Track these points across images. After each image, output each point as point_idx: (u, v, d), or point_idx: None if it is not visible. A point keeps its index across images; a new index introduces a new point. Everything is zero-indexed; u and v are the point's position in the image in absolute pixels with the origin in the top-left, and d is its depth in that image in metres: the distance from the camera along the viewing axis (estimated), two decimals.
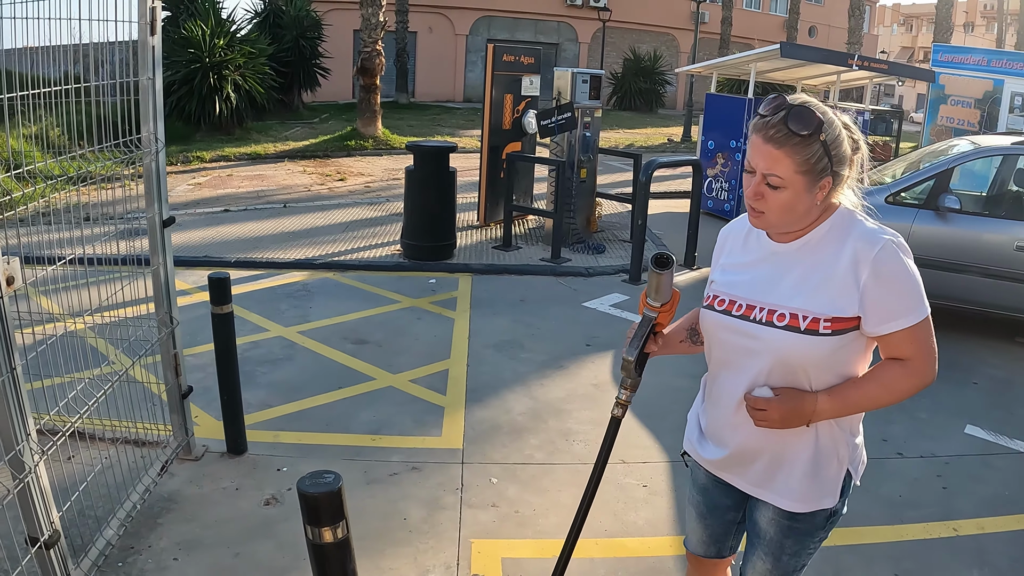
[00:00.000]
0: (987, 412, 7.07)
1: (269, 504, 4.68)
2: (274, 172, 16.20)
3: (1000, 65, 19.14)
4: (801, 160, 2.38)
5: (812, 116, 2.36)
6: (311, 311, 8.13)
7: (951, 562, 4.77)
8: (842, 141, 2.42)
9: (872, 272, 2.43)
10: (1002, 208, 9.44)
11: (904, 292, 2.49)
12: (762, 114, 2.43)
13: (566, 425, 6.07)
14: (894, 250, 2.44)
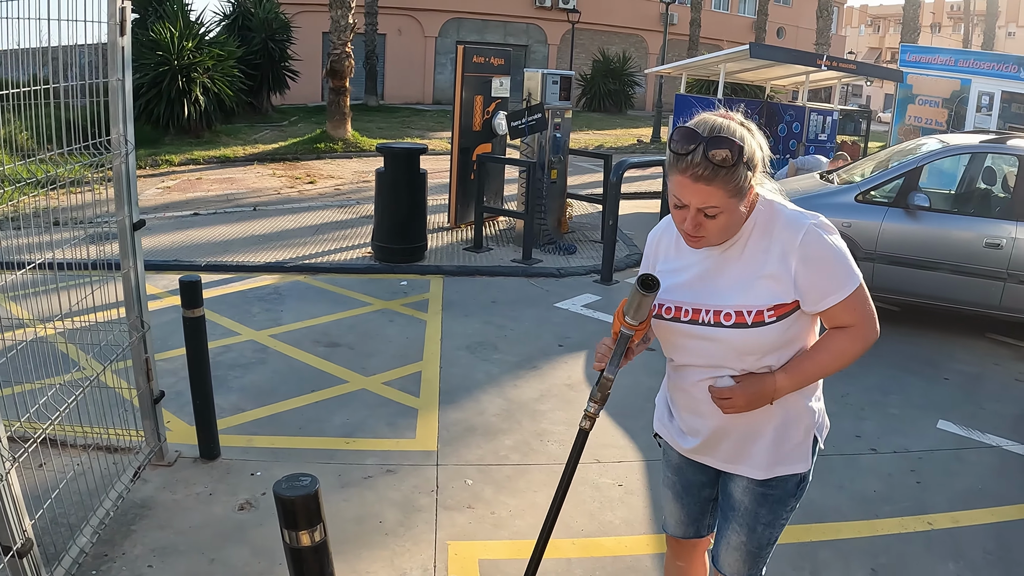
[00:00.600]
0: (959, 407, 7.13)
1: (243, 509, 4.64)
2: (243, 175, 16.13)
3: (967, 65, 19.31)
4: (732, 186, 2.46)
5: (729, 143, 2.41)
6: (282, 314, 8.10)
7: (926, 556, 4.80)
8: (755, 148, 2.52)
9: (800, 259, 2.56)
10: (971, 206, 9.53)
11: (833, 269, 2.59)
12: (677, 152, 2.46)
13: (540, 426, 6.07)
14: (817, 233, 2.56)
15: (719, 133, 2.42)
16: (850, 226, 8.88)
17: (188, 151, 17.68)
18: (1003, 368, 8.41)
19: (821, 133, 15.84)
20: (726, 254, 2.66)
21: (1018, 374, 8.27)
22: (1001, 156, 9.63)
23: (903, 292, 9.06)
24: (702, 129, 2.45)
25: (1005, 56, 19.66)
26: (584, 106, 39.54)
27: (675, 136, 2.47)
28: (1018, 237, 8.54)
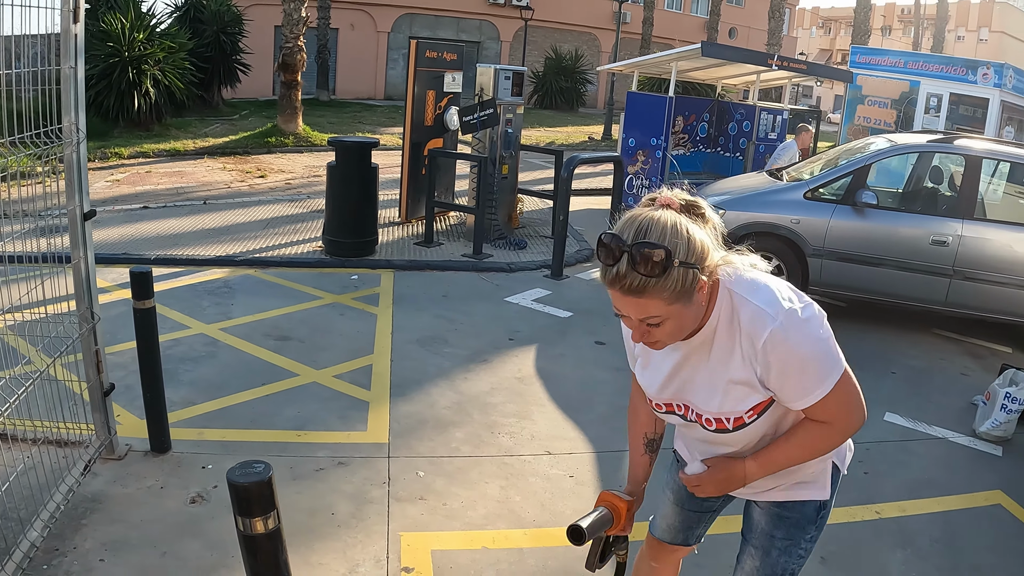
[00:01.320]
0: (906, 400, 7.25)
1: (195, 502, 4.63)
2: (194, 169, 16.00)
3: (916, 67, 19.57)
4: (669, 293, 2.22)
5: (656, 250, 2.17)
6: (233, 308, 8.06)
7: (875, 544, 4.90)
8: (694, 241, 2.24)
9: (764, 366, 2.38)
10: (918, 204, 9.68)
11: (800, 376, 2.38)
12: (605, 262, 2.23)
13: (491, 418, 6.10)
14: (779, 339, 2.33)
15: (644, 238, 2.18)
16: (799, 222, 9.01)
17: (138, 144, 17.49)
18: (948, 362, 8.57)
19: (771, 132, 15.98)
20: (695, 351, 2.48)
21: (963, 368, 8.43)
22: (948, 155, 9.80)
23: (851, 288, 9.19)
24: (627, 234, 2.20)
25: (954, 59, 19.94)
26: (536, 103, 39.57)
27: (599, 244, 2.25)
28: (964, 235, 8.70)
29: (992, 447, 6.65)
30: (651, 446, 2.94)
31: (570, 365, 7.34)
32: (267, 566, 2.47)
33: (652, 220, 2.21)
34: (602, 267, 2.25)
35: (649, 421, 2.92)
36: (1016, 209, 10.03)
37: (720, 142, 16.37)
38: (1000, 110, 18.29)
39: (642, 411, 2.92)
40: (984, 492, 5.87)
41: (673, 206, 2.29)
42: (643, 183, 14.81)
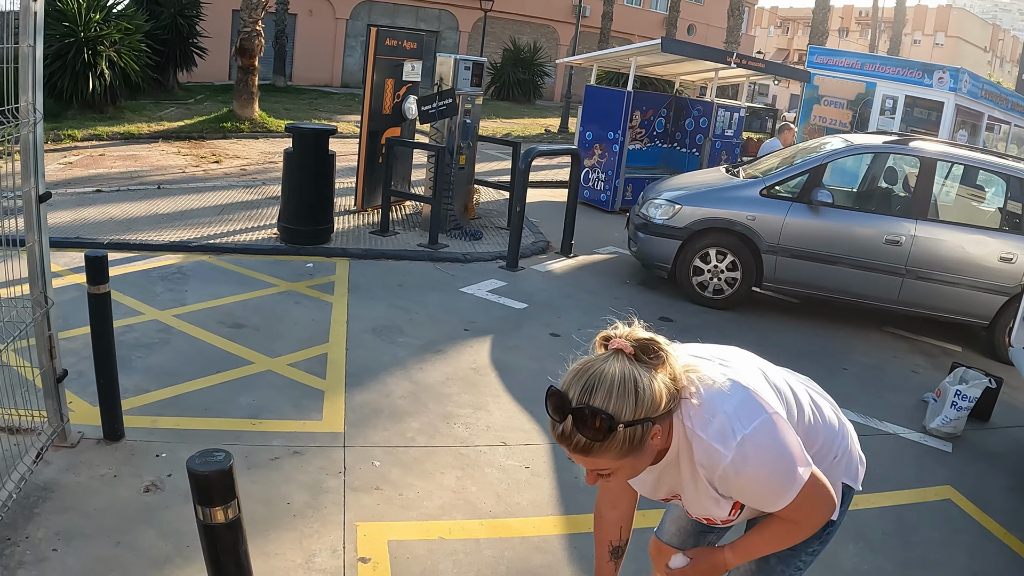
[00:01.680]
0: (857, 396, 7.34)
1: (149, 491, 4.59)
2: (148, 153, 15.81)
3: (873, 69, 19.78)
4: (615, 451, 2.20)
5: (599, 416, 2.14)
6: (187, 294, 7.97)
7: None
8: (643, 397, 2.19)
9: (726, 492, 2.41)
10: (872, 203, 9.79)
11: (764, 493, 2.39)
12: (552, 417, 2.24)
13: (446, 409, 6.10)
14: (732, 473, 2.32)
15: (590, 399, 2.15)
16: (755, 219, 9.08)
17: (91, 126, 17.25)
18: (900, 360, 8.69)
19: (728, 129, 16.06)
20: (666, 468, 2.48)
21: (914, 366, 8.55)
22: (903, 157, 9.93)
23: (805, 285, 9.28)
24: (573, 391, 2.18)
25: (911, 62, 20.17)
26: (493, 95, 39.51)
27: (548, 397, 2.25)
28: (917, 235, 8.83)
29: (942, 443, 6.76)
30: (616, 553, 2.95)
31: (525, 356, 7.35)
32: (227, 556, 2.46)
33: (599, 378, 2.18)
34: (550, 421, 2.25)
35: (615, 529, 2.93)
36: (968, 211, 10.18)
37: (677, 138, 16.44)
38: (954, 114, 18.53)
39: (607, 518, 2.93)
40: (935, 487, 5.98)
41: (626, 351, 2.25)
42: (599, 176, 14.87)
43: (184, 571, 3.93)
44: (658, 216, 9.55)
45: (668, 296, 9.76)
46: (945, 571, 4.95)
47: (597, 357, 2.25)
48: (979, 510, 5.74)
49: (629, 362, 2.22)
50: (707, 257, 9.41)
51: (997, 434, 7.26)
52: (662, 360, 2.28)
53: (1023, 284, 8.62)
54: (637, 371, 2.20)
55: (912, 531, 5.32)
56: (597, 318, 8.14)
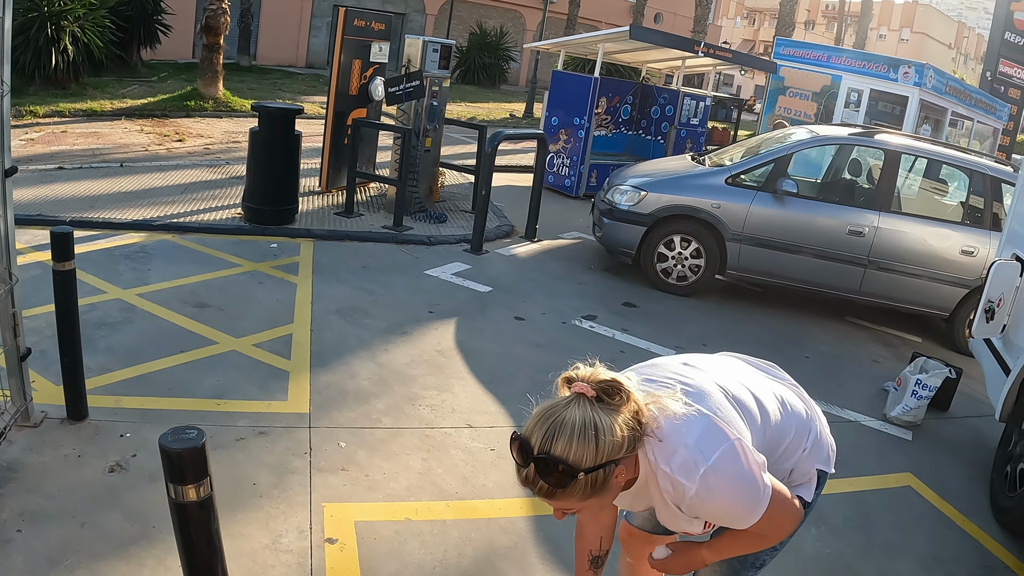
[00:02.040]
0: (819, 384, 7.42)
1: (114, 471, 4.55)
2: (110, 130, 15.64)
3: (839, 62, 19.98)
4: (578, 495, 2.24)
5: (560, 465, 2.18)
6: (150, 273, 7.91)
7: None
8: (603, 444, 2.21)
9: (695, 516, 2.46)
10: (836, 194, 9.88)
11: (730, 516, 2.45)
12: (516, 461, 2.26)
13: (412, 390, 6.10)
14: (698, 502, 2.37)
15: (551, 447, 2.18)
16: (719, 207, 9.13)
17: (54, 103, 17.02)
18: (861, 349, 8.79)
19: (693, 117, 16.13)
20: (639, 491, 2.49)
21: (875, 356, 8.65)
22: (868, 149, 10.02)
23: (768, 273, 9.35)
24: (535, 437, 2.21)
25: (877, 56, 20.37)
26: (458, 79, 39.33)
27: (512, 441, 2.29)
28: (880, 226, 8.92)
29: (902, 432, 6.85)
30: (595, 563, 2.99)
31: (490, 339, 7.37)
32: (199, 535, 2.44)
33: (560, 425, 2.19)
34: (515, 464, 2.28)
35: (594, 539, 2.97)
36: (931, 204, 10.31)
37: (642, 125, 16.48)
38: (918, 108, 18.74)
39: (588, 529, 2.97)
40: (895, 474, 6.07)
41: (587, 395, 2.25)
42: (564, 162, 14.89)
43: (150, 552, 3.90)
44: (623, 202, 9.57)
45: (632, 282, 9.80)
46: (905, 555, 5.03)
47: (559, 402, 2.27)
48: (939, 497, 5.84)
49: (591, 407, 2.23)
50: (671, 244, 9.46)
51: (956, 424, 7.37)
52: (625, 400, 2.29)
53: (983, 277, 8.71)
54: (598, 416, 2.22)
55: (873, 516, 5.40)
56: (562, 302, 8.25)
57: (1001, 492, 5.80)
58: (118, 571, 3.75)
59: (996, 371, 6.54)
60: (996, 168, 9.41)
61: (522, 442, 2.23)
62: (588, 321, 8.17)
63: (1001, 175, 9.24)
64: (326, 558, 4.07)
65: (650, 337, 7.98)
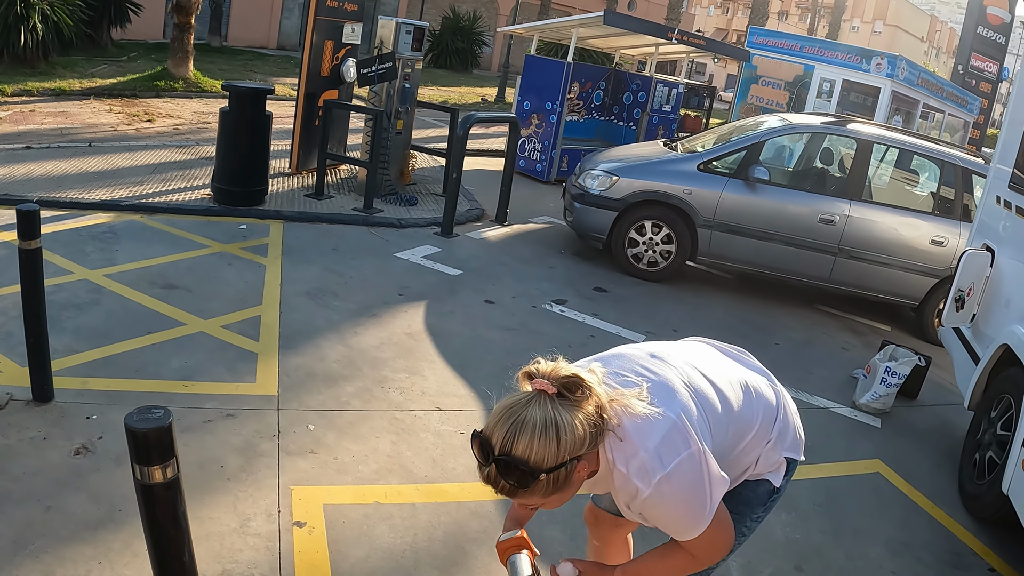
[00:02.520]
0: (788, 371, 7.46)
1: (79, 454, 4.50)
2: (79, 110, 15.46)
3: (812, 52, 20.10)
4: (540, 493, 2.25)
5: (520, 466, 2.18)
6: (118, 254, 7.83)
7: None
8: (564, 442, 2.21)
9: (642, 517, 2.51)
10: (808, 182, 9.91)
11: (675, 524, 2.47)
12: (478, 459, 2.27)
13: (381, 373, 6.08)
14: (650, 504, 2.40)
15: (512, 448, 2.18)
16: (691, 193, 9.14)
17: (22, 81, 16.81)
18: (830, 337, 8.83)
19: (665, 104, 16.14)
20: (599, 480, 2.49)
21: (843, 343, 8.70)
22: (840, 138, 10.05)
23: (738, 260, 9.38)
24: (496, 437, 2.21)
25: (850, 47, 20.51)
26: (431, 62, 39.15)
27: (473, 439, 2.28)
28: (851, 215, 8.97)
29: (871, 419, 6.90)
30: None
31: (459, 322, 7.35)
32: (165, 517, 2.40)
33: (521, 425, 2.19)
34: (477, 463, 2.28)
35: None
36: (902, 194, 10.37)
37: (614, 111, 16.47)
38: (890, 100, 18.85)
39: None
40: (864, 461, 6.11)
41: (548, 392, 2.24)
42: (535, 147, 14.87)
43: (117, 536, 3.86)
44: (595, 187, 9.57)
45: (602, 267, 9.80)
46: (874, 541, 5.07)
47: (520, 399, 2.26)
48: (907, 484, 5.88)
49: (551, 405, 2.23)
50: (643, 229, 9.46)
51: (925, 411, 7.43)
52: (586, 396, 2.28)
53: (953, 267, 8.77)
54: (559, 415, 2.21)
55: (842, 502, 5.44)
56: (532, 286, 8.24)
57: (969, 479, 5.85)
58: (84, 555, 3.71)
59: (965, 360, 6.60)
60: (967, 159, 9.48)
61: (483, 441, 2.24)
62: (558, 305, 8.16)
63: (972, 166, 9.31)
64: (294, 542, 4.04)
65: (620, 322, 7.99)
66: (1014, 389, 5.51)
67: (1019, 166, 6.37)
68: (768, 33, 22.06)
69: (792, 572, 4.60)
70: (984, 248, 6.65)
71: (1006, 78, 35.22)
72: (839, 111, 18.26)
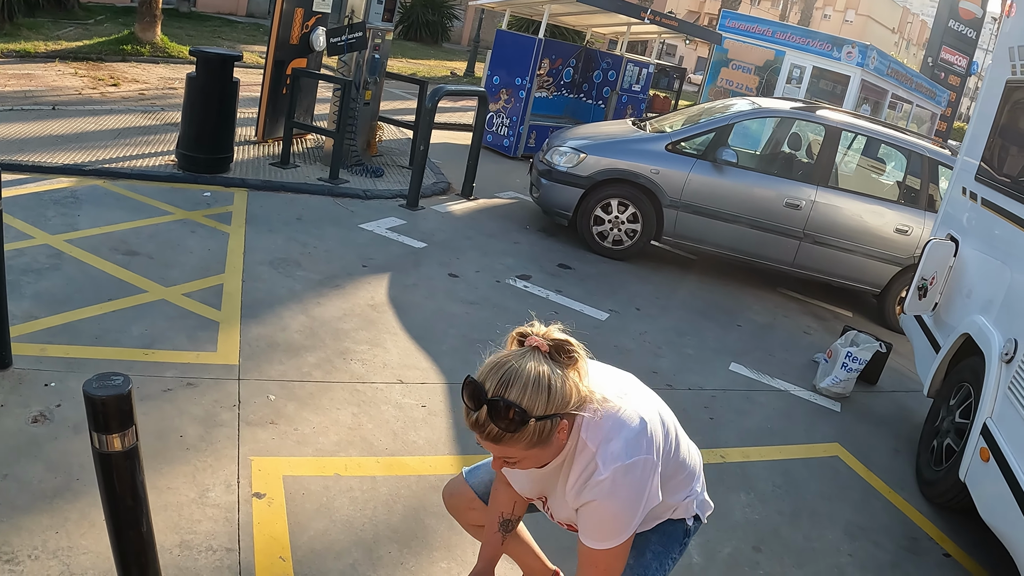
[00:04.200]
0: (750, 352, 7.51)
1: (37, 422, 4.43)
2: (44, 72, 15.23)
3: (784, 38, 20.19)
4: (525, 442, 2.34)
5: (513, 409, 2.28)
6: (79, 219, 7.72)
7: (720, 486, 5.10)
8: (555, 394, 2.34)
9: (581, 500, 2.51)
10: (775, 167, 9.95)
11: (600, 521, 2.52)
12: (467, 405, 2.35)
13: (343, 345, 6.06)
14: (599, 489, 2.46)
15: (505, 392, 2.28)
16: (658, 173, 9.15)
17: None
18: (792, 320, 8.89)
19: (635, 84, 16.15)
20: (550, 470, 2.62)
21: (805, 327, 8.77)
22: (809, 124, 10.08)
23: (703, 241, 9.41)
24: (489, 383, 2.31)
25: (822, 34, 20.63)
26: (400, 34, 38.89)
27: (464, 386, 2.37)
28: (817, 200, 9.02)
29: (831, 403, 6.97)
30: (506, 526, 3.01)
31: (423, 295, 7.33)
32: (123, 486, 2.37)
33: (515, 372, 2.31)
34: (464, 408, 2.37)
35: (508, 502, 2.99)
36: (868, 182, 10.45)
37: (584, 89, 16.46)
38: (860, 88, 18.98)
39: (502, 494, 2.99)
40: (823, 444, 6.17)
41: (542, 349, 2.37)
42: (503, 122, 14.83)
43: (74, 505, 3.81)
44: (562, 163, 9.55)
45: (567, 244, 9.80)
46: (832, 524, 5.12)
47: (514, 352, 2.38)
48: (865, 468, 5.95)
49: (544, 360, 2.35)
50: (608, 207, 9.46)
51: (884, 397, 7.50)
52: (574, 361, 2.42)
53: (916, 256, 8.84)
54: (551, 369, 2.34)
55: (801, 484, 5.48)
56: (496, 261, 8.24)
57: (927, 465, 5.92)
58: (40, 524, 3.66)
59: (926, 348, 6.67)
60: (934, 150, 9.56)
61: (476, 386, 2.32)
62: (522, 281, 8.16)
63: (939, 157, 9.39)
64: (253, 513, 4.01)
65: (583, 299, 8.00)
66: (973, 378, 5.56)
67: (986, 159, 6.42)
68: (740, 17, 22.11)
69: (750, 553, 4.64)
70: (948, 238, 6.71)
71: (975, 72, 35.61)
72: (808, 97, 18.34)
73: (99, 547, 3.53)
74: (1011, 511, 4.47)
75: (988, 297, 5.71)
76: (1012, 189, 5.74)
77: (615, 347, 7.04)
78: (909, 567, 4.93)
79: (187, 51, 17.24)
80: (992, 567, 5.15)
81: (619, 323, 7.67)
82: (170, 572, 3.45)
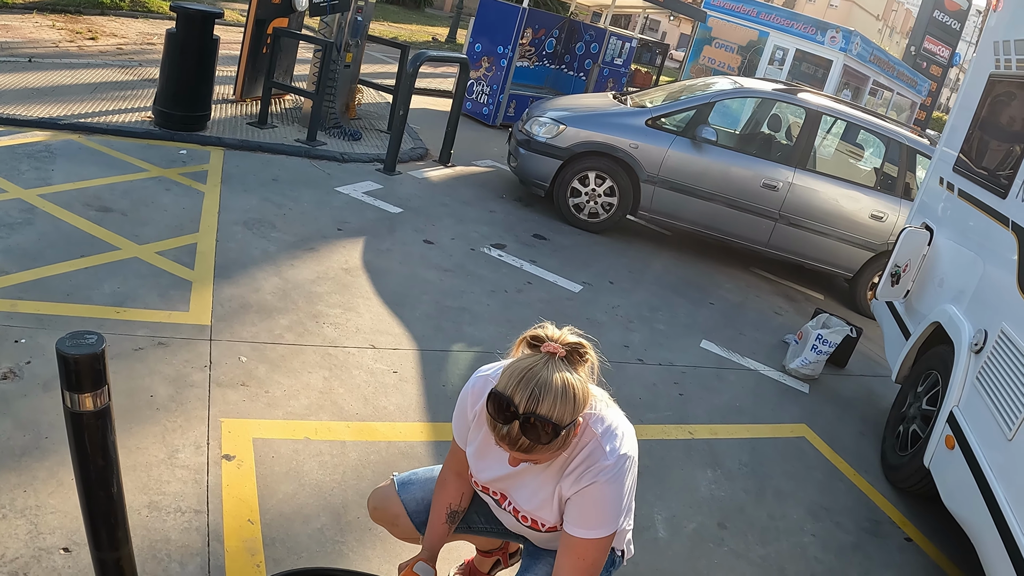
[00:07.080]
0: (721, 331, 7.55)
1: (6, 378, 4.39)
2: (21, 24, 15.03)
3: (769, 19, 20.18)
4: (553, 450, 2.39)
5: (548, 424, 2.31)
6: (53, 174, 7.64)
7: (687, 462, 5.15)
8: (579, 400, 2.37)
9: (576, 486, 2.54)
10: (754, 147, 9.99)
11: (602, 503, 2.54)
12: (495, 418, 2.35)
13: (316, 308, 6.05)
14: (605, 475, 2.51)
15: (537, 407, 2.29)
16: (637, 148, 9.15)
17: None
18: (764, 300, 8.94)
19: (618, 57, 16.12)
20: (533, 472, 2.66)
21: (777, 308, 8.82)
22: (789, 106, 10.13)
23: (678, 218, 9.43)
24: (519, 397, 2.30)
25: (806, 17, 20.64)
26: None
27: (491, 399, 2.36)
28: (794, 183, 9.06)
29: (800, 384, 7.03)
30: (452, 518, 2.99)
31: (397, 261, 7.32)
32: (94, 447, 2.36)
33: (544, 385, 2.31)
34: (490, 420, 2.38)
35: (456, 495, 2.98)
36: (846, 167, 10.50)
37: (566, 60, 16.42)
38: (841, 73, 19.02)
39: (451, 485, 2.97)
40: (791, 424, 6.22)
41: (559, 355, 2.38)
42: (483, 90, 14.78)
43: (43, 464, 3.79)
44: (541, 134, 9.54)
45: (542, 215, 9.80)
46: (796, 503, 5.18)
47: (537, 362, 2.36)
48: (831, 450, 6.01)
49: (565, 366, 2.37)
50: (586, 180, 9.46)
51: (852, 381, 7.58)
52: (586, 361, 2.45)
53: (890, 242, 8.90)
54: (571, 376, 2.36)
55: (767, 463, 5.53)
56: (472, 229, 8.24)
57: (892, 450, 5.98)
58: (8, 482, 3.64)
59: (896, 334, 6.72)
60: (913, 139, 9.60)
61: (504, 400, 2.32)
62: (496, 250, 8.16)
63: (917, 146, 9.44)
64: (223, 475, 4.01)
65: (557, 270, 8.01)
66: (941, 366, 5.61)
67: (964, 151, 6.46)
68: None
69: (715, 528, 4.68)
70: (923, 227, 6.76)
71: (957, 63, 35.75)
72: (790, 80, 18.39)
73: (67, 506, 3.52)
74: (974, 498, 4.53)
75: (960, 287, 5.76)
76: (989, 181, 5.78)
77: (587, 320, 7.05)
78: (870, 549, 4.99)
79: (167, 6, 17.08)
80: (951, 552, 5.22)
81: (592, 296, 7.69)
82: (138, 533, 3.44)
